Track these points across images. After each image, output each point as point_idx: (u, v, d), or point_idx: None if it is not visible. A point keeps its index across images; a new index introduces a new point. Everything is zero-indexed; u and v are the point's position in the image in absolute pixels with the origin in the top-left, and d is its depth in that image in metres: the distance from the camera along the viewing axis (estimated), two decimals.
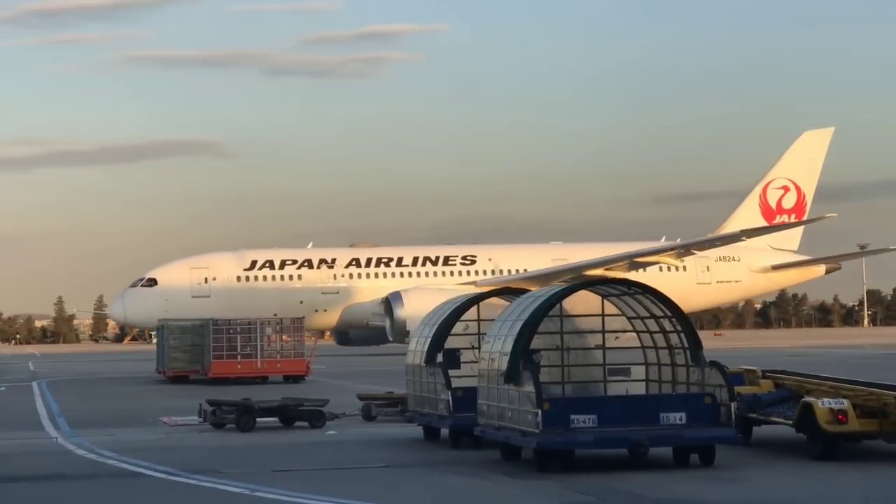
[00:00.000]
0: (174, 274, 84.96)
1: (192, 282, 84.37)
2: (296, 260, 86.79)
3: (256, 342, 53.92)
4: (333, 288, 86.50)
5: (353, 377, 54.34)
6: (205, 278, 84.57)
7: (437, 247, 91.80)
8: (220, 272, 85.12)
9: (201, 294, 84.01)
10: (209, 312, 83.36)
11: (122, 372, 67.81)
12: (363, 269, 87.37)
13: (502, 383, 22.73)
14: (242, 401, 32.09)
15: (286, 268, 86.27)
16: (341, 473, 22.97)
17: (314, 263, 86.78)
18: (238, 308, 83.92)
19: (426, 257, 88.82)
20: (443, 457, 24.85)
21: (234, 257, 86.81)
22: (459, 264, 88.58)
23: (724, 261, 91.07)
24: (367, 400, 33.60)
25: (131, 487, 21.90)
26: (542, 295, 23.70)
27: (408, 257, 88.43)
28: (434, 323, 27.40)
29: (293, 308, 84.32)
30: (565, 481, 20.79)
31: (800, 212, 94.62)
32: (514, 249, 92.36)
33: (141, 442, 28.81)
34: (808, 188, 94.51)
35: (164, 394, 47.97)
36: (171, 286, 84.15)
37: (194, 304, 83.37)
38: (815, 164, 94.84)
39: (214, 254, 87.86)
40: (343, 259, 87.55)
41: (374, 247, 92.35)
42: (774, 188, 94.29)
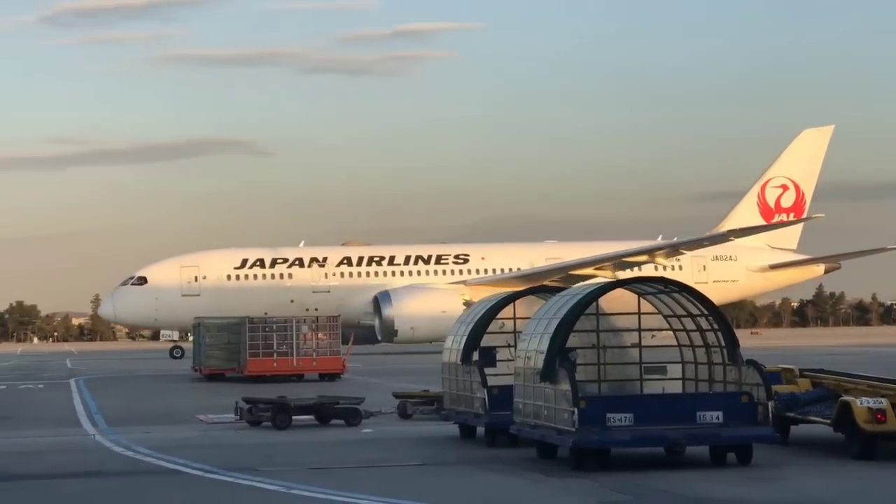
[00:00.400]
0: (164, 272, 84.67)
1: (183, 280, 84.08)
2: (287, 258, 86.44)
3: (292, 340, 53.99)
4: (324, 287, 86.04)
5: (389, 375, 54.38)
6: (195, 277, 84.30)
7: (430, 245, 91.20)
8: (210, 271, 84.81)
9: (191, 293, 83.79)
10: (199, 311, 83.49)
11: (158, 370, 68.08)
12: (354, 267, 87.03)
13: (538, 381, 22.70)
14: (278, 399, 32.15)
15: (277, 266, 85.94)
16: (377, 471, 22.98)
17: (305, 262, 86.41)
18: (228, 307, 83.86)
19: (418, 256, 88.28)
20: (479, 455, 24.83)
21: (225, 256, 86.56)
22: (452, 263, 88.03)
23: (720, 260, 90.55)
24: (403, 398, 33.62)
25: (168, 485, 21.97)
26: (578, 293, 23.65)
27: (400, 256, 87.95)
28: (470, 321, 27.39)
29: (284, 307, 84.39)
30: (601, 480, 20.74)
31: (799, 211, 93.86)
32: (507, 248, 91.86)
33: (178, 439, 28.90)
34: (807, 187, 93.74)
35: (201, 391, 48.13)
36: (160, 285, 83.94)
37: (184, 303, 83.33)
38: (815, 162, 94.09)
39: (205, 252, 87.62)
40: (334, 258, 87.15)
41: (366, 245, 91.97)
42: (773, 187, 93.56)
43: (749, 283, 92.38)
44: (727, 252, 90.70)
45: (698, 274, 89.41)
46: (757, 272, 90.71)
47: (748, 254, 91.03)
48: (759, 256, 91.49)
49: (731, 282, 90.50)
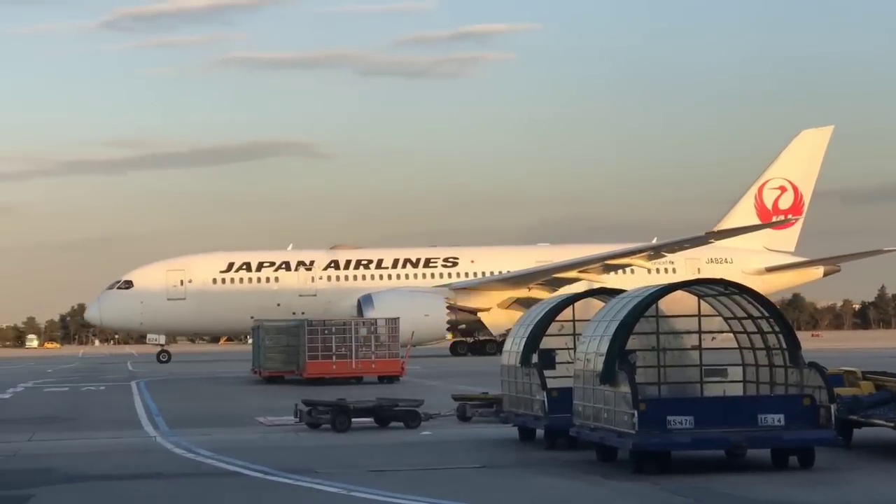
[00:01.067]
0: (150, 276, 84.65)
1: (168, 284, 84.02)
2: (273, 262, 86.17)
3: (351, 342, 54.10)
4: (311, 290, 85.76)
5: (448, 378, 54.39)
6: (181, 280, 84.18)
7: (420, 248, 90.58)
8: (196, 274, 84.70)
9: (177, 296, 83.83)
10: (184, 315, 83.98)
11: (218, 372, 68.43)
12: (342, 271, 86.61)
13: (598, 384, 22.63)
14: (338, 401, 32.21)
15: (263, 270, 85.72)
16: (437, 474, 22.97)
17: (292, 265, 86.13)
18: (213, 311, 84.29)
19: (407, 259, 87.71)
20: (538, 457, 24.78)
21: (212, 259, 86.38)
22: (441, 266, 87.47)
23: (715, 262, 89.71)
24: (462, 400, 33.58)
25: (228, 486, 22.06)
26: (637, 295, 23.57)
27: (388, 259, 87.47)
28: (529, 323, 27.35)
29: (270, 311, 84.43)
30: (662, 483, 20.64)
31: (797, 212, 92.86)
32: (497, 251, 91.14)
33: (237, 441, 29.02)
34: (805, 188, 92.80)
35: (260, 394, 48.33)
36: (146, 288, 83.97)
37: (170, 307, 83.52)
38: (814, 163, 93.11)
39: (192, 256, 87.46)
40: (322, 261, 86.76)
41: (355, 248, 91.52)
42: (771, 188, 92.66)
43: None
44: (723, 255, 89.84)
45: (693, 276, 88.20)
46: (753, 275, 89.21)
47: (744, 256, 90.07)
48: (756, 259, 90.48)
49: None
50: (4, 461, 26.12)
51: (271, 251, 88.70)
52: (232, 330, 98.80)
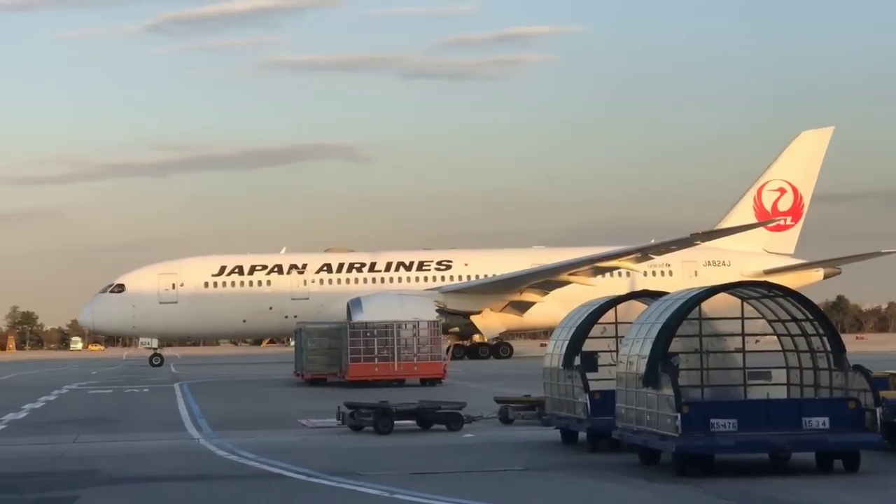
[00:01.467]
0: (142, 280, 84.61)
1: (160, 288, 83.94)
2: (265, 265, 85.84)
3: (393, 345, 54.13)
4: (303, 293, 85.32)
5: (490, 380, 54.34)
6: (172, 284, 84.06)
7: (414, 251, 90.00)
8: (188, 278, 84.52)
9: (168, 300, 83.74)
10: (176, 318, 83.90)
11: (260, 374, 68.62)
12: (334, 274, 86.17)
13: (641, 386, 22.57)
14: (380, 403, 32.24)
15: (255, 273, 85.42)
16: (479, 476, 22.95)
17: (284, 269, 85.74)
18: (205, 314, 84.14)
19: (400, 262, 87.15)
20: (581, 460, 24.73)
21: (204, 263, 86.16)
22: (434, 269, 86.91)
23: (713, 265, 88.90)
24: (505, 403, 33.57)
25: (272, 488, 22.12)
26: (680, 298, 23.48)
27: (381, 262, 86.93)
28: (572, 326, 27.30)
29: (262, 314, 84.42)
30: (705, 486, 20.56)
31: (796, 214, 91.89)
32: (491, 254, 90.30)
33: (280, 444, 29.09)
34: (805, 190, 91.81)
35: (303, 396, 48.43)
36: (138, 292, 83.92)
37: (161, 310, 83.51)
38: (814, 165, 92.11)
39: (184, 259, 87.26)
40: (314, 264, 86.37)
41: (348, 252, 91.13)
42: (770, 190, 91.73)
43: None
44: (721, 257, 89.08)
45: (690, 279, 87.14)
46: (751, 277, 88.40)
47: (743, 259, 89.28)
48: (754, 261, 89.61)
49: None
50: (50, 463, 26.31)
51: (264, 254, 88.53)
52: (224, 333, 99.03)
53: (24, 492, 21.86)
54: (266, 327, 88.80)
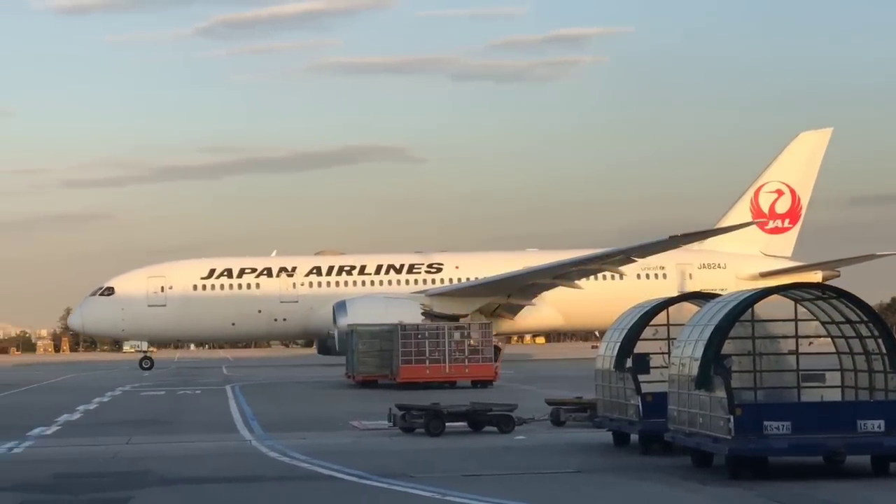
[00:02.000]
0: (131, 283, 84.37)
1: (149, 290, 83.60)
2: (255, 268, 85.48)
3: (444, 347, 54.14)
4: (292, 296, 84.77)
5: (541, 382, 54.27)
6: (161, 287, 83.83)
7: (404, 254, 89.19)
8: (177, 281, 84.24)
9: (157, 303, 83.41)
10: (165, 321, 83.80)
11: (312, 376, 68.82)
12: (324, 277, 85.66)
13: (693, 389, 22.46)
14: (432, 405, 32.25)
15: (244, 276, 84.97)
16: (531, 478, 22.92)
17: (273, 272, 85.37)
18: (194, 317, 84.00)
19: (390, 265, 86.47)
20: (633, 463, 24.65)
21: (193, 266, 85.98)
22: (424, 272, 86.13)
23: (708, 268, 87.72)
24: (556, 405, 33.50)
25: (324, 490, 22.18)
26: (733, 300, 23.36)
27: (371, 265, 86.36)
28: (623, 328, 27.22)
29: (251, 317, 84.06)
30: (759, 489, 20.44)
31: (794, 217, 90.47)
32: (483, 257, 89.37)
33: (332, 445, 29.15)
34: (803, 192, 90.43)
35: (354, 398, 48.52)
36: (127, 295, 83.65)
37: (150, 313, 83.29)
38: (812, 166, 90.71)
39: (173, 262, 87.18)
40: (304, 267, 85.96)
41: (339, 255, 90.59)
42: (767, 192, 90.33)
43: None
44: (716, 260, 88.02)
45: (684, 282, 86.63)
46: (747, 280, 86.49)
47: (739, 261, 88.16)
48: (751, 264, 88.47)
49: (719, 290, 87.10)
50: (104, 464, 26.48)
51: (254, 257, 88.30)
52: (212, 336, 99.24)
53: (78, 492, 22.02)
54: (255, 330, 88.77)
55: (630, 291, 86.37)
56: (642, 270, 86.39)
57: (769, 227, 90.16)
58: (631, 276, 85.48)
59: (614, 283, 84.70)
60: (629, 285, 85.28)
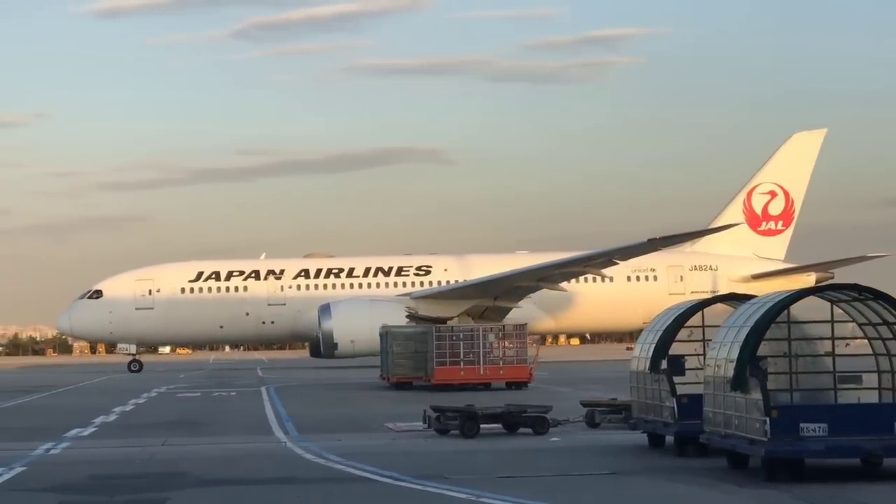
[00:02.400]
0: (119, 286, 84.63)
1: (136, 294, 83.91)
2: (242, 271, 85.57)
3: (479, 349, 54.14)
4: (280, 299, 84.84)
5: (576, 384, 54.17)
6: (149, 290, 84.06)
7: (393, 257, 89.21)
8: (164, 284, 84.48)
9: (144, 306, 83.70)
10: (152, 325, 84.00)
11: (346, 378, 68.91)
12: (312, 280, 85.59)
13: (729, 390, 22.38)
14: (466, 407, 32.25)
15: (232, 279, 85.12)
16: (566, 480, 22.89)
17: (261, 275, 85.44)
18: (181, 320, 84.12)
19: (378, 268, 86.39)
20: (668, 464, 24.59)
21: (181, 269, 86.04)
22: (413, 275, 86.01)
23: (699, 270, 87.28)
24: (591, 406, 33.44)
25: (359, 491, 22.21)
26: (768, 301, 23.27)
27: (360, 268, 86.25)
28: (658, 329, 27.16)
29: (238, 320, 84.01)
30: (795, 491, 20.35)
31: (787, 219, 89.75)
32: (472, 259, 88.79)
33: (367, 447, 29.18)
34: (797, 193, 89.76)
35: (389, 400, 48.56)
36: (115, 298, 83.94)
37: (138, 317, 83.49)
38: (806, 167, 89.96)
39: (161, 265, 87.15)
40: (292, 270, 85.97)
41: (328, 257, 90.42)
42: (760, 193, 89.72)
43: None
44: (708, 262, 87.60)
45: (675, 284, 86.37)
46: (739, 282, 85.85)
47: (731, 263, 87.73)
48: (743, 266, 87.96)
49: (710, 293, 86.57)
50: (140, 465, 26.60)
51: (242, 260, 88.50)
52: (200, 339, 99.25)
53: (114, 493, 22.13)
54: (243, 333, 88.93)
55: (621, 294, 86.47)
56: (633, 273, 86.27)
57: (762, 229, 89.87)
58: (621, 278, 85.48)
59: (605, 285, 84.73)
60: (620, 287, 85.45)
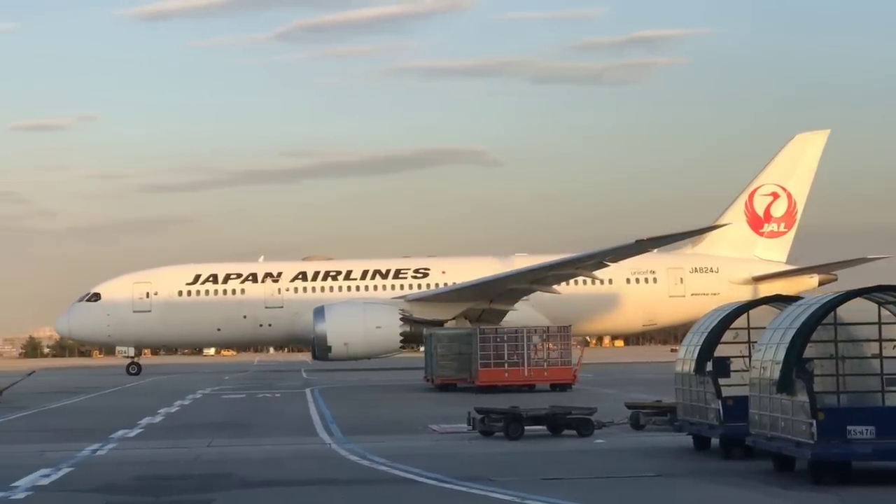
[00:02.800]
0: (118, 289, 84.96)
1: (134, 296, 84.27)
2: (240, 274, 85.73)
3: (523, 350, 54.09)
4: (278, 302, 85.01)
5: (620, 385, 54.07)
6: (146, 293, 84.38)
7: (391, 259, 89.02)
8: (162, 287, 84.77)
9: (142, 309, 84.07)
10: (150, 327, 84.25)
11: (391, 380, 68.98)
12: (309, 282, 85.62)
13: (775, 392, 22.27)
14: (511, 409, 32.23)
15: (230, 282, 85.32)
16: (611, 482, 22.83)
17: (259, 277, 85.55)
18: (179, 323, 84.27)
19: (376, 270, 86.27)
20: (714, 467, 24.49)
21: (178, 271, 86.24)
22: (411, 278, 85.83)
23: (700, 272, 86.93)
24: (636, 408, 33.36)
25: (403, 493, 22.21)
26: (815, 303, 23.12)
27: (357, 270, 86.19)
28: (704, 331, 27.06)
29: (236, 322, 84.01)
30: (842, 494, 20.22)
31: (790, 221, 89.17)
32: (470, 262, 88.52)
33: (411, 449, 29.20)
34: (799, 195, 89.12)
35: (433, 402, 48.58)
36: (113, 301, 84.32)
37: (135, 319, 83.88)
38: (809, 169, 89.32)
39: (159, 268, 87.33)
40: (289, 273, 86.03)
41: (326, 260, 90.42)
42: (762, 195, 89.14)
43: (731, 295, 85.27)
44: (708, 264, 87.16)
45: (675, 287, 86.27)
46: (740, 284, 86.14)
47: (732, 265, 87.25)
48: (744, 268, 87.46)
49: (711, 295, 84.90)
50: (186, 466, 26.70)
51: (240, 263, 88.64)
52: (198, 342, 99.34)
53: (160, 494, 22.22)
54: (240, 336, 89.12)
55: (621, 296, 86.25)
56: (633, 275, 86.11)
57: (764, 231, 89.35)
58: (621, 280, 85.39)
59: (604, 287, 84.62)
60: (620, 289, 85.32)
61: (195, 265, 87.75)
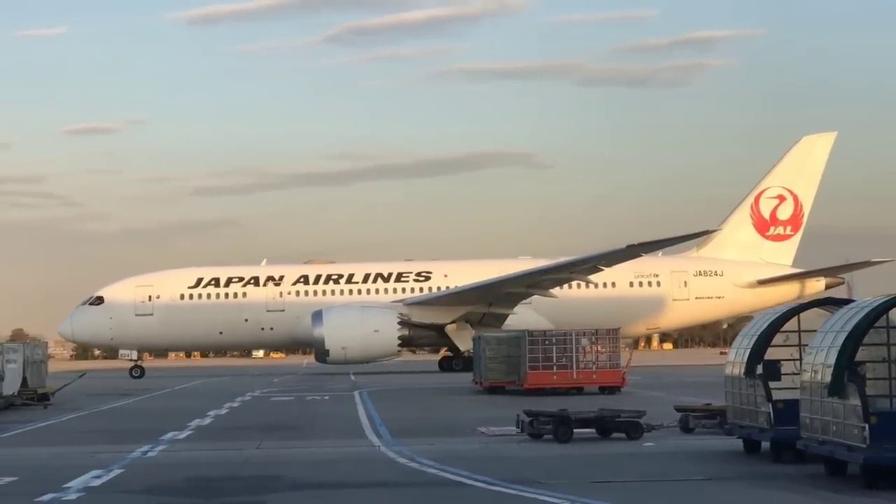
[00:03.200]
0: (120, 292, 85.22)
1: (137, 300, 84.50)
2: (242, 277, 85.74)
3: (572, 353, 53.98)
4: (279, 305, 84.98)
5: (669, 388, 53.86)
6: (149, 296, 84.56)
7: (394, 262, 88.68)
8: (164, 290, 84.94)
9: (144, 312, 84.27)
10: (152, 330, 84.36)
11: (439, 382, 68.97)
12: (311, 286, 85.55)
13: (826, 396, 22.12)
14: (560, 412, 32.17)
15: (231, 285, 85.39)
16: (660, 486, 22.75)
17: (261, 280, 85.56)
18: (181, 326, 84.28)
19: (378, 274, 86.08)
20: (764, 471, 24.36)
21: (181, 275, 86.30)
22: (413, 281, 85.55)
23: (704, 275, 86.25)
24: (685, 411, 33.20)
25: (452, 496, 22.21)
26: (867, 305, 22.96)
27: (359, 274, 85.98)
28: (754, 334, 26.92)
29: (237, 326, 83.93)
30: (895, 499, 20.05)
31: (796, 223, 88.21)
32: (472, 265, 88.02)
33: (460, 451, 29.19)
34: (806, 198, 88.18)
35: (481, 404, 48.55)
36: (116, 304, 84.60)
37: (138, 322, 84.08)
38: (815, 171, 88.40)
39: (162, 272, 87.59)
40: (291, 276, 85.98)
41: (328, 263, 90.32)
42: (768, 197, 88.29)
43: (736, 299, 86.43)
44: (713, 267, 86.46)
45: (679, 290, 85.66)
46: (745, 288, 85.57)
47: (736, 268, 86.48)
48: (749, 271, 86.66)
49: (715, 298, 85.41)
50: (236, 468, 26.81)
51: (242, 266, 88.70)
52: (201, 345, 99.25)
53: (210, 496, 22.32)
54: (243, 339, 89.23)
55: (624, 299, 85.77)
56: (636, 278, 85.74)
57: (770, 234, 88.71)
58: (624, 283, 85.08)
59: (608, 290, 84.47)
60: (623, 293, 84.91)
61: (197, 269, 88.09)
